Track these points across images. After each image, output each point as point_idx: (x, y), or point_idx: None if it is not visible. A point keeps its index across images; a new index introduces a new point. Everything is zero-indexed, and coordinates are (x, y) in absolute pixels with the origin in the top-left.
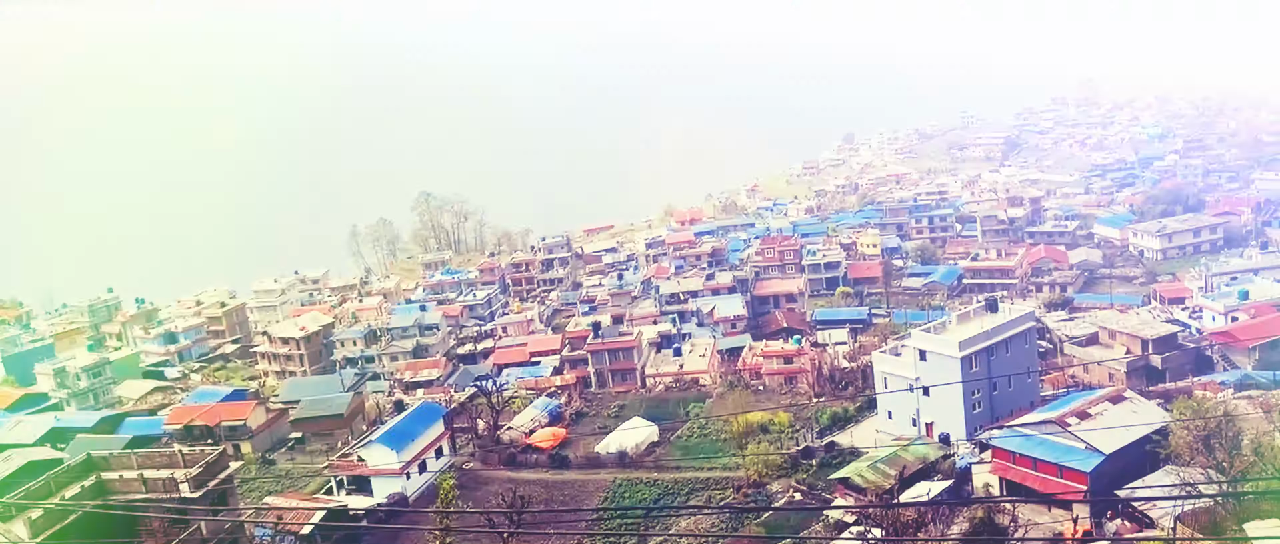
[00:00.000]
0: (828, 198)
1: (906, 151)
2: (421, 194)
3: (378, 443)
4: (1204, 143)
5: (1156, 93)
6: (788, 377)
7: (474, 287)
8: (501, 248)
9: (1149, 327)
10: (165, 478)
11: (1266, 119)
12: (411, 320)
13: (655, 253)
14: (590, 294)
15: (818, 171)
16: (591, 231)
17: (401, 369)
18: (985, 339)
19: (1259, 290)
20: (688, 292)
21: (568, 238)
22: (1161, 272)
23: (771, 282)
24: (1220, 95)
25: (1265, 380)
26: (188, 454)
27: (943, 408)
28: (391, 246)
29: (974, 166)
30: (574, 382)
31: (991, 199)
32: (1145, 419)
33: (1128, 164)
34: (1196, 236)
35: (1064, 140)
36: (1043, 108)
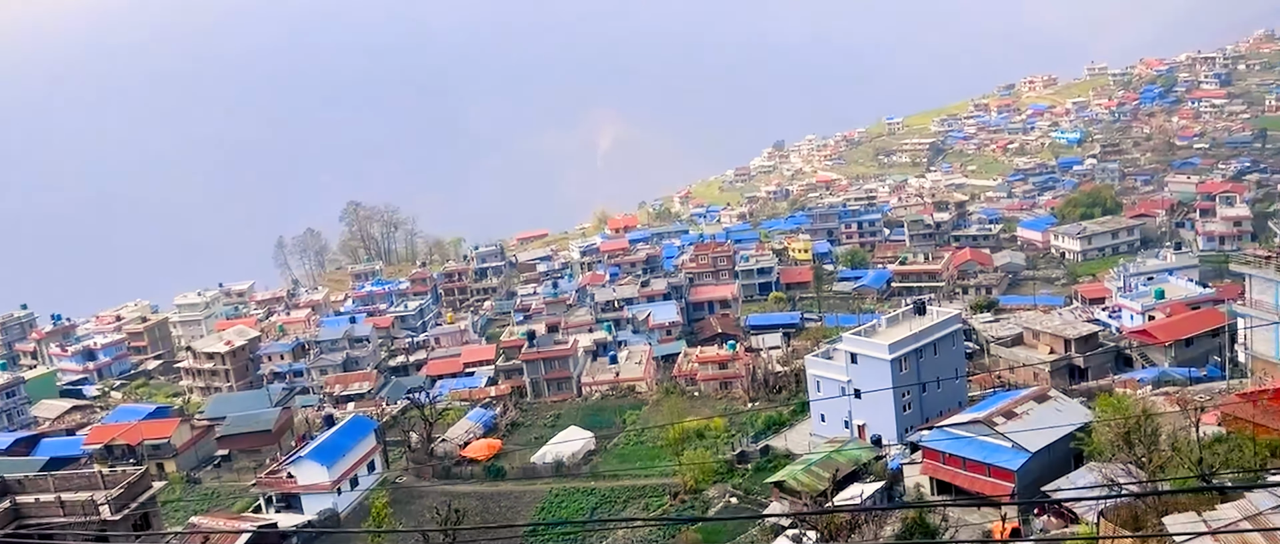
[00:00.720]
0: (760, 204)
1: (835, 158)
2: (350, 203)
3: (307, 459)
4: (1120, 147)
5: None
6: (723, 382)
7: (405, 297)
8: (433, 257)
9: (1071, 327)
10: (84, 501)
11: (1178, 124)
12: (341, 333)
13: (590, 260)
14: (525, 303)
15: (749, 178)
16: (525, 239)
17: (331, 382)
18: (914, 341)
19: (1173, 290)
20: (623, 299)
21: (501, 246)
22: (1082, 272)
23: (706, 288)
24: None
25: (1181, 377)
26: (108, 475)
27: (874, 410)
28: (319, 257)
29: (901, 172)
30: (509, 391)
31: (918, 204)
32: (1069, 417)
33: (1048, 168)
34: (1114, 238)
35: (987, 145)
36: (965, 114)
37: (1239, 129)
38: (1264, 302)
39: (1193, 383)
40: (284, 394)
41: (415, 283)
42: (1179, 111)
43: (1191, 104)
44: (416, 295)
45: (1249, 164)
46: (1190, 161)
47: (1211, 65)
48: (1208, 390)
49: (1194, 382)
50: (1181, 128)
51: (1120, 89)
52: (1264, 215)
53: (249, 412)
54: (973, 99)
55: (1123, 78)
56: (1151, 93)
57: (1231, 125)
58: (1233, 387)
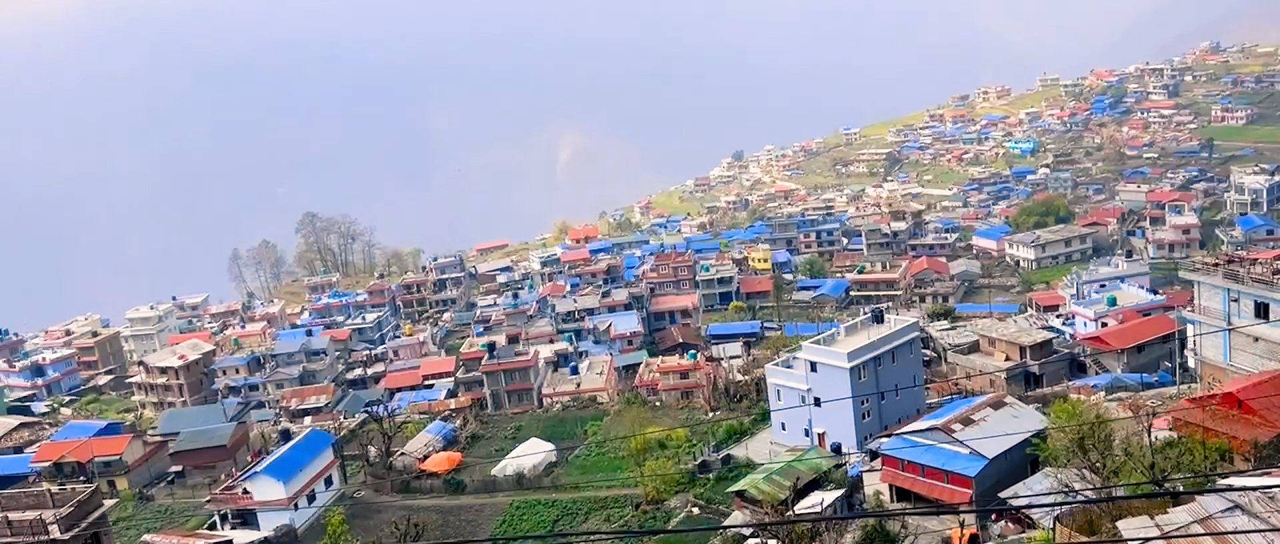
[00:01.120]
0: (720, 214)
1: (793, 168)
2: (306, 214)
3: (263, 474)
4: (1072, 157)
5: (1026, 109)
6: (684, 391)
7: (363, 309)
8: (391, 269)
9: (1026, 334)
10: (32, 520)
11: (1128, 134)
12: (297, 346)
13: (551, 271)
14: (485, 314)
15: (709, 188)
16: (485, 250)
17: (288, 396)
18: (873, 350)
19: (1125, 297)
20: (584, 309)
21: (460, 257)
22: (1036, 280)
23: (667, 298)
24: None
25: (1133, 382)
26: (57, 493)
27: (834, 418)
28: (275, 270)
29: (858, 182)
30: (469, 404)
31: (875, 213)
32: (1025, 424)
33: (1002, 178)
34: (1068, 246)
35: (942, 156)
36: (921, 124)
37: (1187, 139)
38: (1212, 308)
39: (1145, 388)
40: (239, 408)
41: (373, 295)
42: (1129, 122)
43: (1141, 114)
44: (374, 307)
45: (1196, 173)
46: (1140, 171)
47: (1160, 77)
48: (1159, 395)
49: (1146, 387)
50: (1131, 138)
51: (1072, 100)
52: (1211, 223)
53: (203, 427)
54: (928, 110)
55: (1074, 89)
56: (1102, 103)
57: (1179, 135)
58: (1183, 392)
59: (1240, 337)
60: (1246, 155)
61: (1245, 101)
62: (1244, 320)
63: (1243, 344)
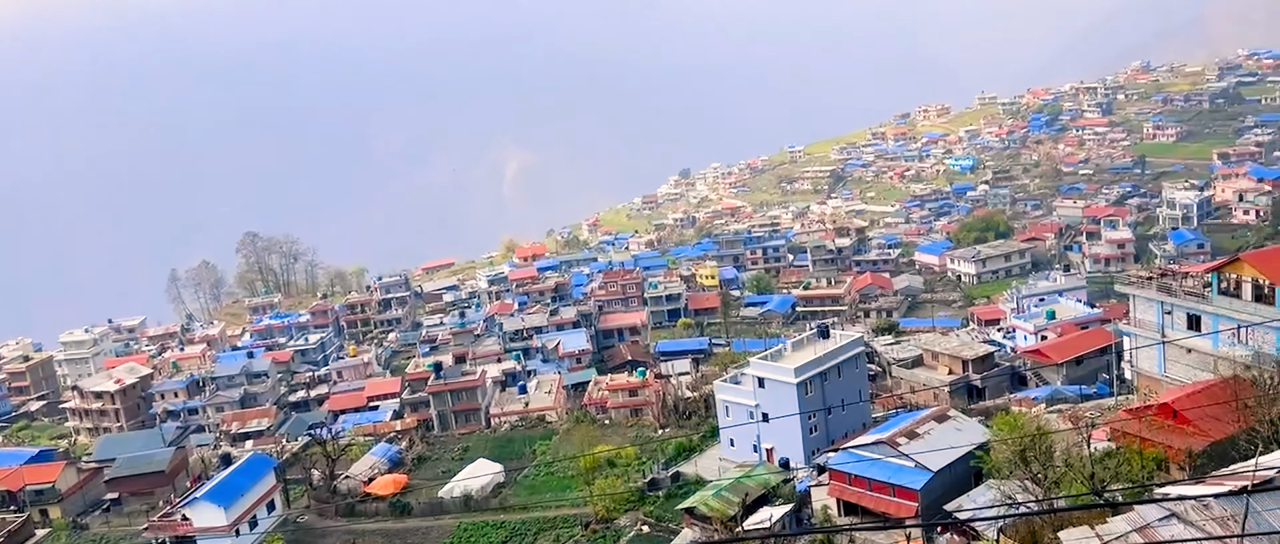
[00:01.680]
0: (667, 231)
1: (740, 185)
2: (247, 234)
3: (203, 500)
4: (1010, 173)
5: (966, 127)
6: (633, 409)
7: (306, 330)
8: (335, 288)
9: (968, 348)
10: None
11: (1064, 151)
12: (238, 368)
13: (498, 289)
14: (431, 334)
15: (657, 206)
16: (430, 269)
17: (228, 420)
18: (819, 365)
19: (1064, 310)
20: (532, 328)
21: (405, 276)
22: (977, 295)
23: (615, 315)
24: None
25: (1073, 394)
26: None
27: (782, 433)
28: (215, 291)
29: (803, 199)
30: (415, 425)
31: (820, 230)
32: (968, 436)
33: (943, 194)
34: (1007, 261)
35: (884, 173)
36: (864, 142)
37: (1120, 156)
38: (1147, 321)
39: (1083, 400)
40: (178, 433)
41: (316, 315)
42: (1064, 139)
43: (1076, 132)
44: (318, 328)
45: (1130, 189)
46: (1076, 187)
47: (1093, 95)
48: (1098, 407)
49: (1084, 399)
50: (1067, 155)
51: (1009, 118)
52: (1145, 238)
53: (141, 452)
54: (870, 128)
55: (1011, 107)
56: (1038, 121)
57: (1113, 152)
58: (1120, 403)
59: (1174, 348)
60: (1177, 171)
61: (1175, 119)
62: (1177, 332)
63: (1177, 355)
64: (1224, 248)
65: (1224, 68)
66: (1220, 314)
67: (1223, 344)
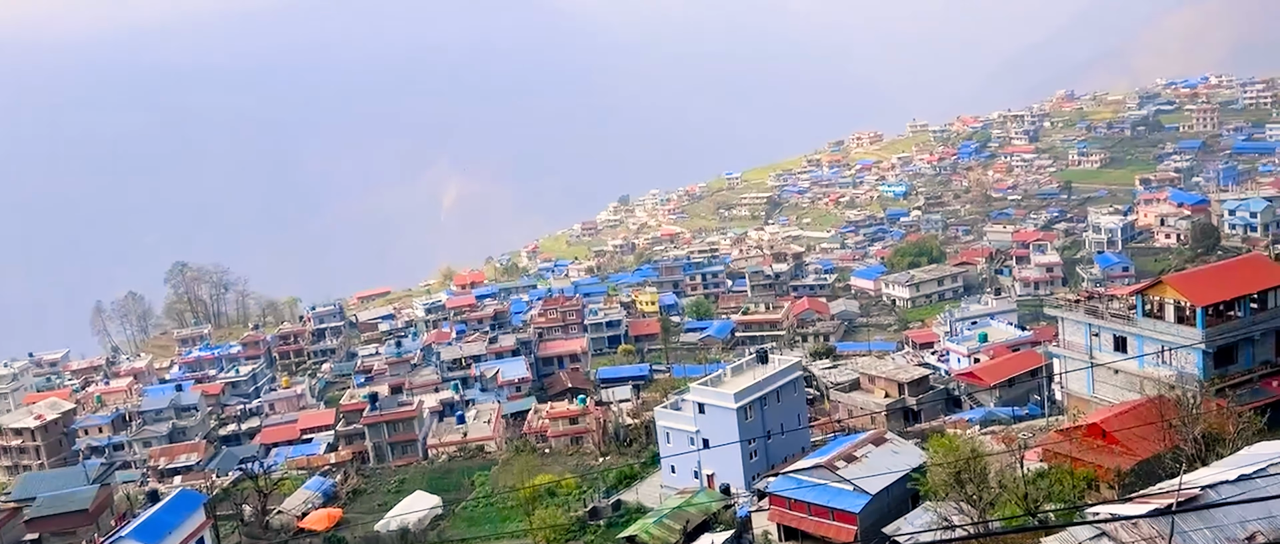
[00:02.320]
0: (607, 257)
1: (678, 212)
2: (176, 264)
3: (128, 538)
4: (942, 199)
5: (898, 154)
6: (574, 437)
7: (237, 362)
8: (267, 319)
9: (904, 371)
10: None
11: (993, 177)
12: (166, 401)
13: (435, 318)
14: (366, 364)
15: (596, 232)
16: (366, 297)
17: (156, 455)
18: (758, 390)
19: (995, 333)
20: (470, 356)
21: (340, 305)
22: (912, 318)
23: (555, 342)
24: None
25: (1006, 416)
26: None
27: (722, 459)
28: (143, 322)
29: (741, 225)
30: (350, 457)
31: (758, 255)
32: (905, 459)
33: (877, 220)
34: (940, 285)
35: (820, 199)
36: (799, 169)
37: (1047, 182)
38: (1075, 343)
39: (1016, 421)
40: (102, 470)
41: (248, 346)
42: (993, 166)
43: (1004, 158)
44: (249, 359)
45: (1057, 214)
46: (1005, 212)
47: (1021, 122)
48: (1030, 427)
49: (1017, 420)
50: (996, 181)
51: (940, 145)
52: (1072, 261)
53: (62, 490)
54: (806, 155)
55: (942, 134)
56: (968, 148)
57: (1040, 178)
58: (1052, 423)
59: (1102, 369)
60: (1101, 197)
61: (1098, 146)
62: (1105, 354)
63: (1105, 376)
64: (1147, 270)
65: (1144, 97)
66: (1145, 336)
67: (1148, 365)
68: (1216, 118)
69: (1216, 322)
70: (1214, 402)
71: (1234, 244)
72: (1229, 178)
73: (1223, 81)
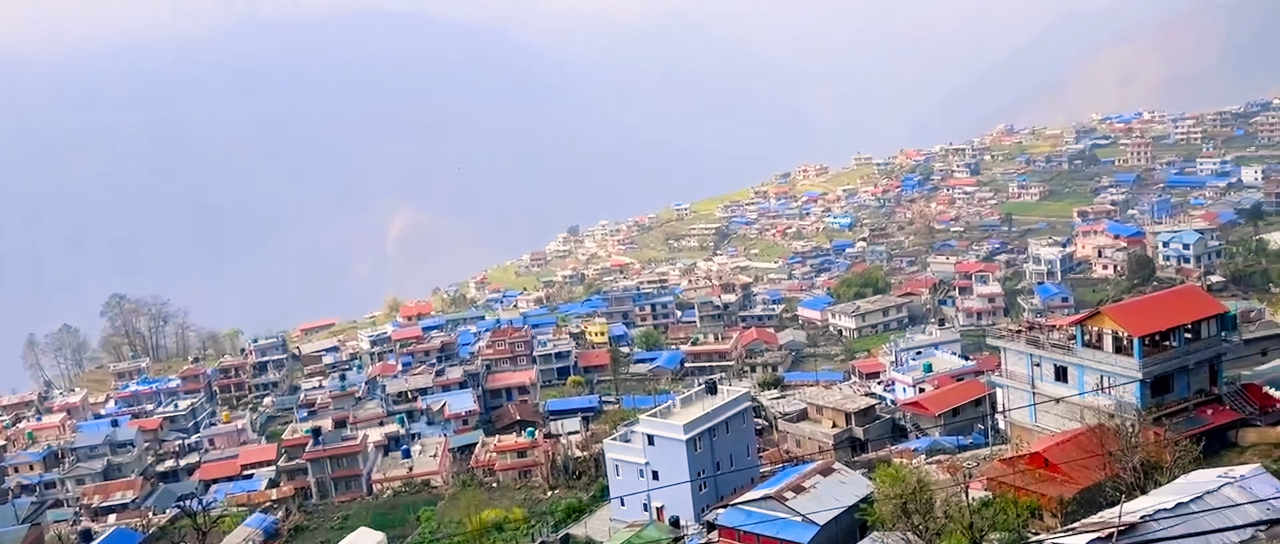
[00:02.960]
0: (556, 288)
1: (628, 242)
2: (113, 296)
3: None
4: (886, 231)
5: (843, 186)
6: (522, 470)
7: (175, 396)
8: (207, 352)
9: (851, 401)
10: None
11: (936, 209)
12: (101, 438)
13: (381, 350)
14: (309, 397)
15: (545, 262)
16: (309, 329)
17: (89, 493)
18: (707, 421)
19: (940, 363)
20: (416, 389)
21: (283, 338)
22: (858, 348)
23: (503, 374)
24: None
25: (951, 445)
26: None
27: (671, 491)
28: (77, 356)
29: (690, 255)
30: (292, 494)
31: (707, 286)
32: (853, 489)
33: (823, 251)
34: (886, 316)
35: (767, 230)
36: (747, 200)
37: (988, 213)
38: (1017, 372)
39: (961, 451)
40: (33, 509)
41: (187, 380)
42: (936, 198)
43: (946, 191)
44: (188, 394)
45: (998, 245)
46: (948, 244)
47: (962, 156)
48: (974, 457)
49: (962, 449)
50: (939, 213)
51: (884, 177)
52: (1014, 292)
53: None
54: (753, 187)
55: (886, 167)
56: (911, 181)
57: (981, 210)
58: (995, 452)
59: (1044, 399)
60: (1041, 228)
61: (1037, 179)
62: (1046, 384)
63: (1047, 406)
64: (1086, 301)
65: (1080, 132)
66: (1085, 365)
67: (1088, 394)
68: (1150, 152)
69: (1153, 352)
70: (1152, 430)
71: (1168, 275)
72: (1162, 210)
73: (1155, 117)
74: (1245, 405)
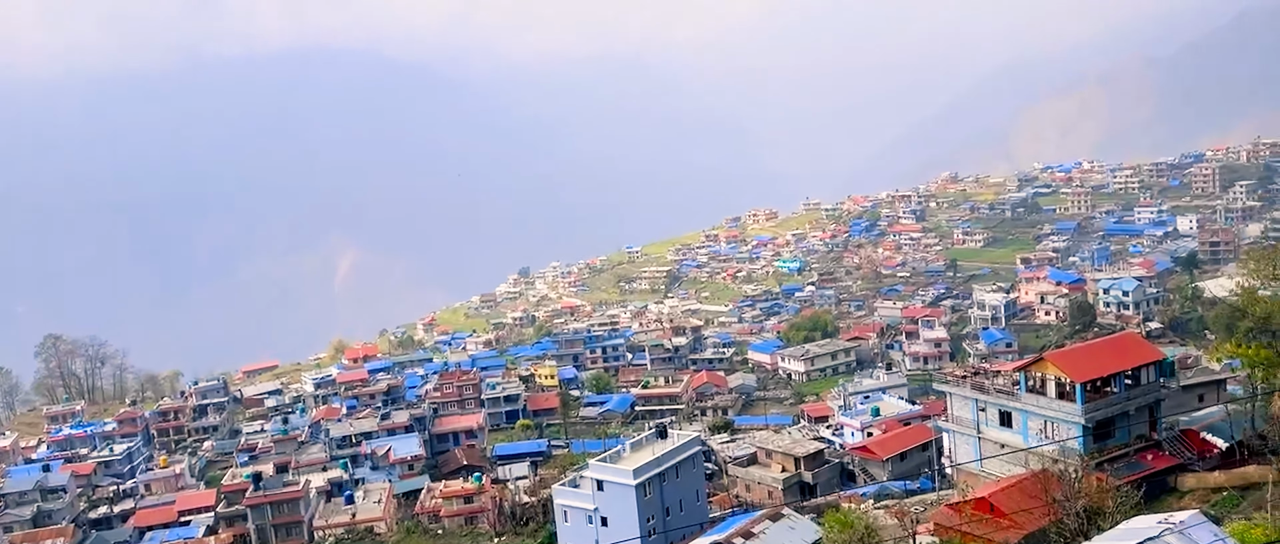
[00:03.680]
0: (506, 330)
1: (579, 284)
2: (48, 336)
3: None
4: (834, 275)
5: (793, 230)
6: (469, 517)
7: (111, 440)
8: (146, 394)
9: (800, 445)
10: None
11: (882, 254)
12: (31, 483)
13: (325, 393)
14: (250, 441)
15: (496, 304)
16: (252, 371)
17: (17, 541)
18: (658, 465)
19: (887, 407)
20: (361, 433)
21: (224, 380)
22: (807, 392)
23: (451, 418)
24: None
25: (898, 490)
26: None
27: (621, 536)
28: (9, 398)
29: (641, 298)
30: (231, 541)
31: (658, 329)
32: (802, 535)
33: (773, 295)
34: (834, 359)
35: (718, 273)
36: (698, 244)
37: (934, 259)
38: (963, 417)
39: (908, 495)
40: None
41: (123, 424)
42: (883, 243)
43: (893, 237)
44: (124, 437)
45: (944, 291)
46: (895, 288)
47: (908, 202)
48: (922, 501)
49: (909, 494)
50: (886, 258)
51: (832, 222)
52: (959, 337)
53: None
54: (705, 230)
55: (834, 212)
56: (859, 226)
57: (927, 256)
58: (942, 497)
59: (989, 443)
60: (985, 274)
61: (981, 226)
62: (991, 428)
63: (992, 450)
64: (1029, 346)
65: (1023, 179)
66: (1028, 411)
67: (1032, 439)
68: (1089, 201)
69: (1094, 397)
70: (1094, 476)
71: (1109, 321)
72: (1102, 258)
73: (1094, 167)
74: (1184, 451)
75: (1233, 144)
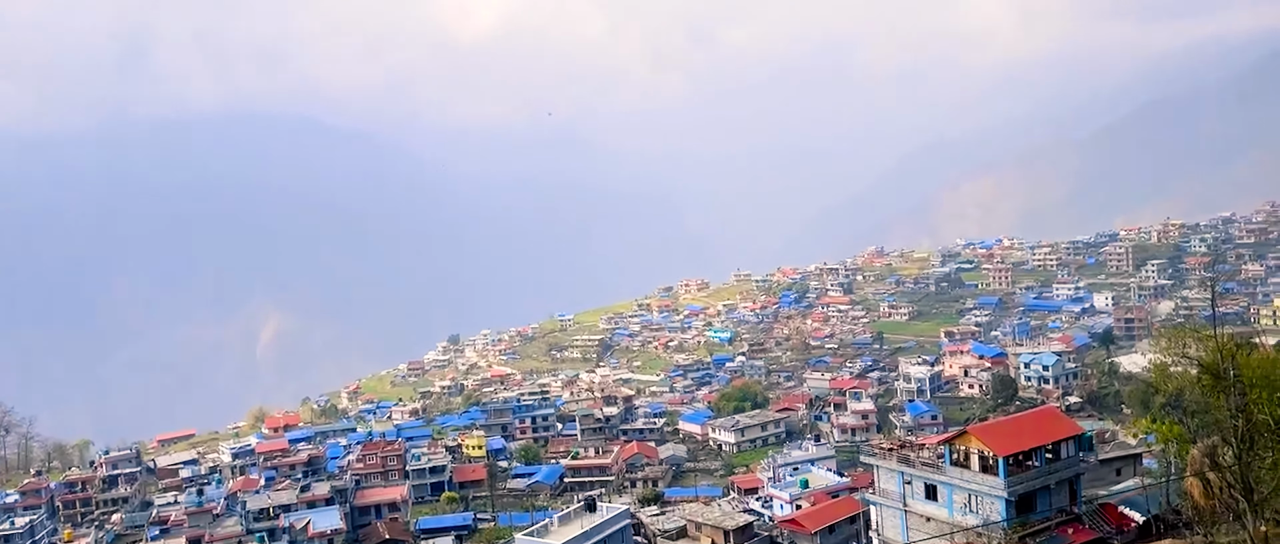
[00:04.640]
0: (433, 399)
1: (510, 352)
2: None
3: None
4: (764, 346)
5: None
6: None
7: (13, 512)
8: (52, 464)
9: (729, 518)
10: None
11: (811, 326)
12: None
13: (243, 463)
14: (163, 514)
15: (423, 372)
16: (167, 440)
17: None
18: (586, 539)
19: (816, 479)
20: (280, 506)
21: (137, 449)
22: (738, 463)
23: (373, 490)
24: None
25: None
26: None
27: None
28: None
29: (572, 367)
30: None
31: (589, 398)
32: None
33: (704, 365)
34: (764, 430)
35: (650, 343)
36: (630, 313)
37: (861, 332)
38: (890, 490)
39: None
40: None
41: (27, 495)
42: (812, 315)
43: (822, 309)
44: (27, 510)
45: (870, 362)
46: (823, 360)
47: (836, 275)
48: None
49: None
50: (814, 329)
51: (762, 293)
52: (886, 409)
53: None
54: (637, 299)
55: (764, 283)
56: (788, 298)
57: (854, 328)
58: None
59: (915, 516)
60: (910, 347)
61: (906, 299)
62: (917, 501)
63: (918, 523)
64: (954, 418)
65: (946, 255)
66: (953, 484)
67: (957, 512)
68: (1010, 277)
69: (1017, 470)
70: None
71: (1030, 395)
72: (1023, 332)
73: (1014, 244)
74: (1103, 524)
75: (1144, 224)
